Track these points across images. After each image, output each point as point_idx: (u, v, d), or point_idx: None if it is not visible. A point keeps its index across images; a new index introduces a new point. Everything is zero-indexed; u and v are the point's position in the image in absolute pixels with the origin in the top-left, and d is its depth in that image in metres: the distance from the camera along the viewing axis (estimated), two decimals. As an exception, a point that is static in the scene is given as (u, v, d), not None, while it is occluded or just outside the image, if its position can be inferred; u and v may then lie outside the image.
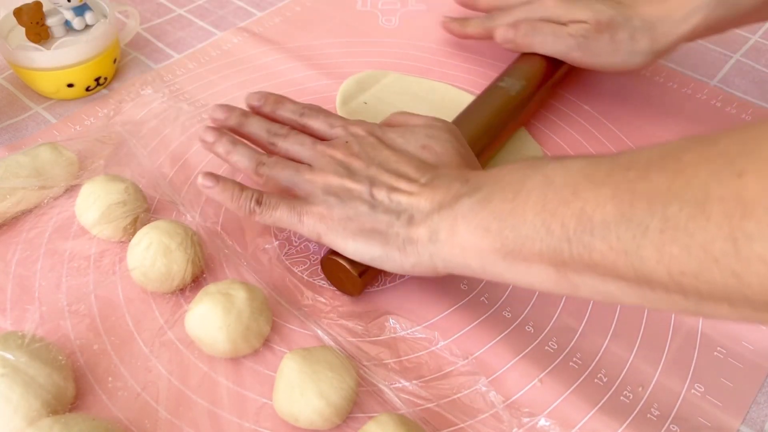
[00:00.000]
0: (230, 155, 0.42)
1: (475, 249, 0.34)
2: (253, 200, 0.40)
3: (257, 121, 0.44)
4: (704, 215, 0.25)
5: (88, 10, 0.53)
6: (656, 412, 0.37)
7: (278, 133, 0.43)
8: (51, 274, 0.41)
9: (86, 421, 0.32)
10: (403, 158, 0.40)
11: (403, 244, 0.37)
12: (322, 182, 0.39)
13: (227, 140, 0.43)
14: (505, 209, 0.33)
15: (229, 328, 0.36)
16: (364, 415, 0.35)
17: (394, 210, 0.37)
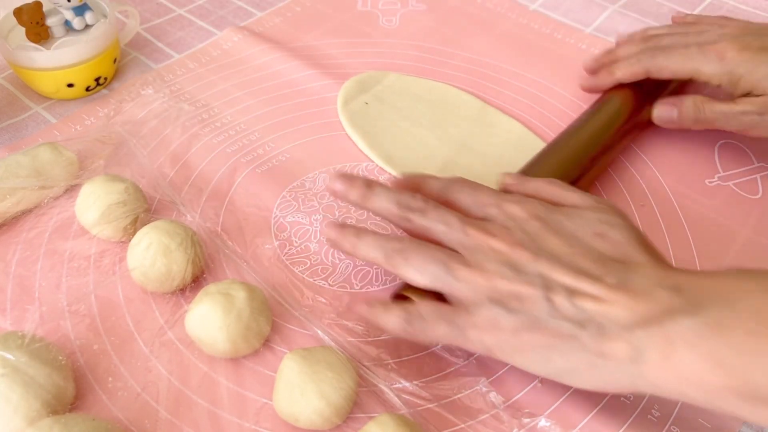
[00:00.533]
0: (357, 250, 0.37)
1: (700, 382, 0.29)
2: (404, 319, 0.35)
3: (384, 193, 0.38)
4: None
5: (88, 10, 0.53)
6: (657, 413, 0.37)
7: (413, 207, 0.37)
8: (51, 274, 0.41)
9: (86, 421, 0.32)
10: (578, 249, 0.34)
11: (592, 360, 0.31)
12: (486, 286, 0.33)
13: (351, 233, 0.37)
14: (750, 344, 0.28)
15: (229, 328, 0.36)
16: (364, 416, 0.35)
17: (577, 319, 0.31)
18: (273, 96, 0.55)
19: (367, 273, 0.43)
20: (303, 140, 0.52)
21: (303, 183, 0.48)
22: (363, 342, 0.39)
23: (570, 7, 0.68)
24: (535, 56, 0.61)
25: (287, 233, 0.45)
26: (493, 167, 0.50)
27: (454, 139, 0.52)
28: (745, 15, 0.69)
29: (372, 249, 0.36)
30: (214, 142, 0.51)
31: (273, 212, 0.46)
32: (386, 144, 0.51)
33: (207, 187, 0.47)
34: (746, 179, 0.51)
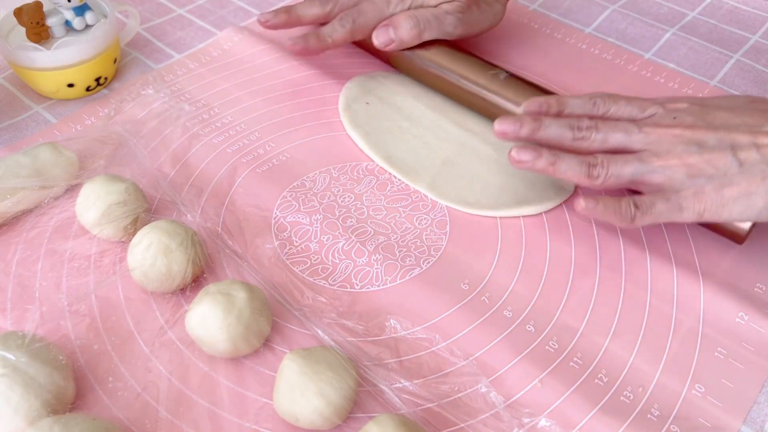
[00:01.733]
0: (556, 166, 0.41)
1: None
2: (633, 206, 0.40)
3: (553, 122, 0.42)
4: None
5: (88, 10, 0.53)
6: (657, 412, 0.37)
7: (584, 126, 0.42)
8: (51, 274, 0.41)
9: (86, 421, 0.32)
10: (740, 111, 0.40)
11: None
12: (680, 164, 0.39)
13: (547, 153, 0.41)
14: None
15: (229, 328, 0.36)
16: (364, 415, 0.35)
17: (765, 161, 0.38)
18: (273, 96, 0.55)
19: (367, 273, 0.43)
20: (303, 140, 0.52)
21: (303, 183, 0.48)
22: (363, 342, 0.39)
23: (570, 7, 0.68)
24: (535, 56, 0.61)
25: (287, 233, 0.45)
26: (493, 165, 0.50)
27: (455, 138, 0.52)
28: (746, 15, 0.69)
29: (571, 164, 0.41)
30: (214, 142, 0.51)
31: (273, 212, 0.46)
32: (386, 144, 0.51)
33: (207, 187, 0.47)
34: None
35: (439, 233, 0.46)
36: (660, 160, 0.40)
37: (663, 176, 0.40)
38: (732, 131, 0.39)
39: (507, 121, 0.43)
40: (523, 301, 0.42)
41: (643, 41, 0.64)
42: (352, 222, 0.46)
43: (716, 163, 0.39)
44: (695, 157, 0.39)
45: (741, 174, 0.38)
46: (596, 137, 0.41)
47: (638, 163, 0.40)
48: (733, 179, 0.38)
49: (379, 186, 0.49)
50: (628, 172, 0.40)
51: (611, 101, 0.43)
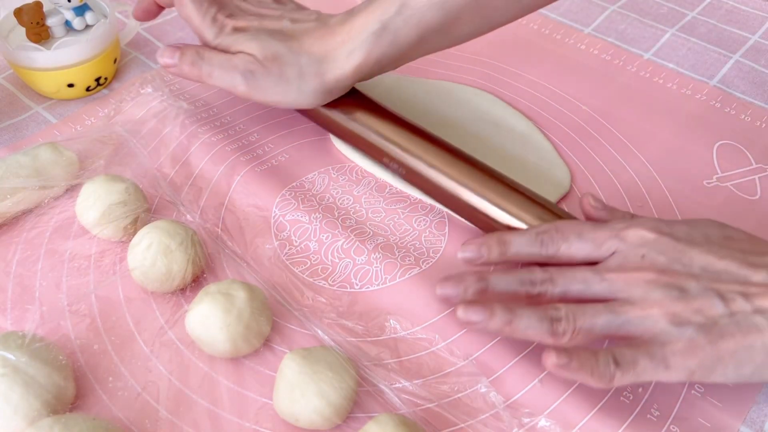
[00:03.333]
0: (513, 324, 0.35)
1: None
2: (612, 364, 0.33)
3: (501, 279, 0.37)
4: None
5: (88, 10, 0.53)
6: (656, 412, 0.37)
7: (536, 280, 0.37)
8: (51, 274, 0.41)
9: (86, 421, 0.32)
10: (719, 254, 0.35)
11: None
12: (663, 314, 0.34)
13: (501, 311, 0.35)
14: None
15: (229, 328, 0.36)
16: (364, 415, 0.35)
17: (757, 312, 0.33)
18: (273, 96, 0.55)
19: (366, 272, 0.43)
20: (302, 140, 0.52)
21: (302, 183, 0.48)
22: (363, 342, 0.39)
23: (569, 8, 0.68)
24: (534, 56, 0.61)
25: (287, 232, 0.45)
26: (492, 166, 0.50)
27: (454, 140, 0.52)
28: (745, 15, 0.69)
29: (531, 321, 0.35)
30: (213, 141, 0.51)
31: (272, 211, 0.46)
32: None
33: (207, 187, 0.47)
34: (745, 180, 0.51)
35: (438, 234, 0.46)
36: (636, 309, 0.34)
37: (642, 327, 0.34)
38: (715, 281, 0.35)
39: (448, 284, 0.38)
40: (522, 301, 0.42)
41: (642, 41, 0.65)
42: (351, 223, 0.46)
43: (706, 312, 0.33)
44: (679, 304, 0.34)
45: (734, 325, 0.33)
46: (555, 291, 0.36)
47: (610, 315, 0.34)
48: (728, 329, 0.33)
49: (377, 187, 0.49)
50: (600, 325, 0.34)
51: (560, 238, 0.38)
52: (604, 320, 0.34)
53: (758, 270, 0.35)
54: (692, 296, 0.34)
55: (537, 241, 0.38)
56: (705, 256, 0.35)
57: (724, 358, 0.33)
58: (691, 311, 0.34)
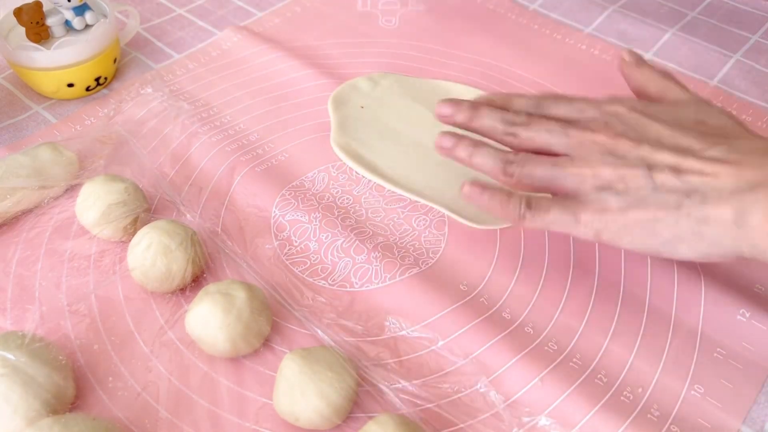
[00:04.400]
0: (473, 158, 0.39)
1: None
2: (523, 204, 0.37)
3: (490, 112, 0.40)
4: None
5: (88, 9, 0.53)
6: (656, 412, 0.37)
7: (517, 122, 0.39)
8: (51, 274, 0.41)
9: (86, 421, 0.32)
10: (679, 132, 0.35)
11: (696, 227, 0.33)
12: (591, 174, 0.36)
13: (468, 143, 0.40)
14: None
15: (229, 328, 0.36)
16: (364, 415, 0.35)
17: (681, 190, 0.34)
18: (272, 96, 0.55)
19: (366, 271, 0.43)
20: (302, 139, 0.52)
21: (302, 183, 0.48)
22: (363, 342, 0.39)
23: (569, 8, 0.68)
24: (534, 56, 0.61)
25: (287, 232, 0.45)
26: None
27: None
28: (745, 15, 0.69)
29: (488, 158, 0.39)
30: (213, 141, 0.51)
31: (272, 211, 0.46)
32: (375, 152, 0.50)
33: (207, 187, 0.47)
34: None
35: (437, 234, 0.46)
36: (573, 166, 0.36)
37: (572, 185, 0.36)
38: (658, 149, 0.35)
39: (447, 104, 0.42)
40: (522, 302, 0.42)
41: (643, 41, 0.64)
42: (351, 222, 0.46)
43: (629, 181, 0.35)
44: (608, 169, 0.35)
45: (653, 197, 0.34)
46: (524, 135, 0.39)
47: (551, 167, 0.37)
48: (643, 201, 0.34)
49: (377, 187, 0.49)
50: (540, 174, 0.37)
51: (553, 102, 0.40)
52: (543, 170, 0.37)
53: (708, 147, 0.34)
54: (624, 163, 0.35)
55: (535, 103, 0.41)
56: (664, 127, 0.36)
57: (630, 226, 0.34)
58: (616, 177, 0.35)
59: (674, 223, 0.34)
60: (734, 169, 0.33)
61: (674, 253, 0.34)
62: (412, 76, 0.58)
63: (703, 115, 0.37)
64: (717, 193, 0.33)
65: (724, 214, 0.33)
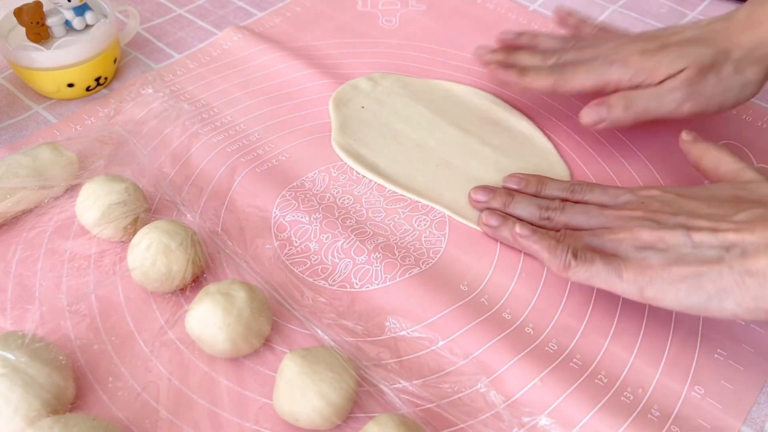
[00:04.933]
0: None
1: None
2: (570, 253, 0.38)
3: (525, 199, 0.44)
4: None
5: (88, 9, 0.53)
6: (656, 413, 0.37)
7: (551, 207, 0.42)
8: (51, 274, 0.41)
9: (86, 421, 0.32)
10: (712, 203, 0.38)
11: (739, 278, 0.34)
12: (630, 237, 0.38)
13: (513, 222, 0.43)
14: None
15: (229, 328, 0.36)
16: (364, 415, 0.35)
17: (720, 245, 0.35)
18: (273, 96, 0.55)
19: (366, 271, 0.43)
20: (303, 140, 0.52)
21: (303, 183, 0.48)
22: (363, 342, 0.39)
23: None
24: (535, 56, 0.61)
25: (287, 233, 0.45)
26: (491, 165, 0.50)
27: (453, 139, 0.52)
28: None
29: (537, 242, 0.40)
30: (213, 141, 0.51)
31: (273, 212, 0.46)
32: (375, 151, 0.51)
33: (207, 187, 0.47)
34: (746, 179, 0.51)
35: (438, 235, 0.46)
36: (612, 234, 0.39)
37: (612, 247, 0.38)
38: (694, 218, 0.37)
39: (481, 191, 0.46)
40: (522, 302, 0.42)
41: (643, 41, 0.64)
42: (351, 222, 0.46)
43: (668, 240, 0.36)
44: (647, 232, 0.37)
45: (694, 254, 0.35)
46: (560, 219, 0.42)
47: (591, 237, 0.39)
48: (684, 258, 0.36)
49: (377, 187, 0.49)
50: (582, 244, 0.39)
51: (588, 189, 0.43)
52: (584, 241, 0.39)
53: (741, 211, 0.36)
54: (662, 228, 0.37)
55: (569, 189, 0.44)
56: (696, 204, 0.38)
57: (675, 282, 0.35)
58: (655, 238, 0.37)
59: (718, 276, 0.34)
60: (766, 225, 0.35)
61: (722, 308, 0.35)
62: (412, 76, 0.58)
63: (740, 191, 0.39)
64: (755, 247, 0.34)
65: (764, 264, 0.33)
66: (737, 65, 0.44)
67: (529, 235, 0.41)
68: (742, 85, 0.45)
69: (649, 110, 0.46)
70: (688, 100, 0.45)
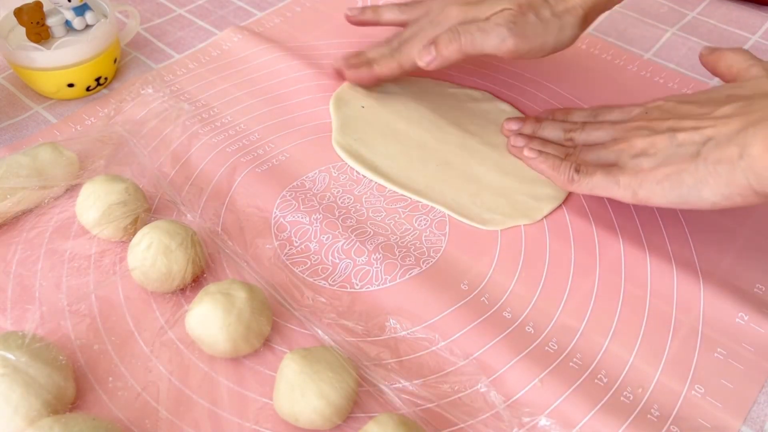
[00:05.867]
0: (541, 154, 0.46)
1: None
2: (572, 168, 0.43)
3: (551, 124, 0.48)
4: None
5: (88, 9, 0.53)
6: (656, 412, 0.37)
7: (573, 129, 0.47)
8: (51, 274, 0.41)
9: (86, 421, 0.32)
10: (710, 105, 0.41)
11: (712, 167, 0.37)
12: (628, 147, 0.42)
13: (537, 143, 0.47)
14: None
15: (229, 328, 0.36)
16: (364, 415, 0.35)
17: (699, 141, 0.39)
18: (273, 96, 0.55)
19: (367, 272, 0.43)
20: (303, 140, 0.52)
21: (303, 183, 0.48)
22: (363, 342, 0.39)
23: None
24: (535, 56, 0.61)
25: (287, 233, 0.45)
26: (492, 165, 0.50)
27: (453, 139, 0.52)
28: (746, 15, 0.69)
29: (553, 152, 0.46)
30: (214, 142, 0.51)
31: (273, 212, 0.46)
32: (375, 151, 0.51)
33: (207, 187, 0.47)
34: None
35: (438, 234, 0.46)
36: (614, 144, 0.43)
37: (613, 156, 0.43)
38: (683, 119, 0.41)
39: (513, 121, 0.50)
40: (522, 302, 0.42)
41: (642, 41, 0.64)
42: (352, 222, 0.46)
43: (657, 144, 0.40)
44: (640, 140, 0.41)
45: (677, 153, 0.39)
46: (579, 137, 0.46)
47: (599, 149, 0.44)
48: (669, 158, 0.40)
49: (378, 187, 0.49)
50: (591, 156, 0.44)
51: (607, 111, 0.47)
52: (593, 153, 0.44)
53: (724, 105, 0.40)
54: (653, 134, 0.41)
55: (592, 114, 0.48)
56: (690, 107, 0.42)
57: (661, 181, 0.39)
58: (647, 144, 0.41)
59: (695, 170, 0.38)
60: (744, 116, 0.38)
61: (700, 198, 0.38)
62: (413, 76, 0.58)
63: (738, 89, 0.42)
64: (726, 137, 0.37)
65: (732, 152, 0.37)
66: (553, 10, 0.47)
67: (534, 156, 0.46)
68: (560, 29, 0.47)
69: (475, 43, 0.47)
70: (511, 36, 0.46)
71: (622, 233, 0.46)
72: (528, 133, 0.49)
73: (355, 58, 0.54)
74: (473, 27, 0.47)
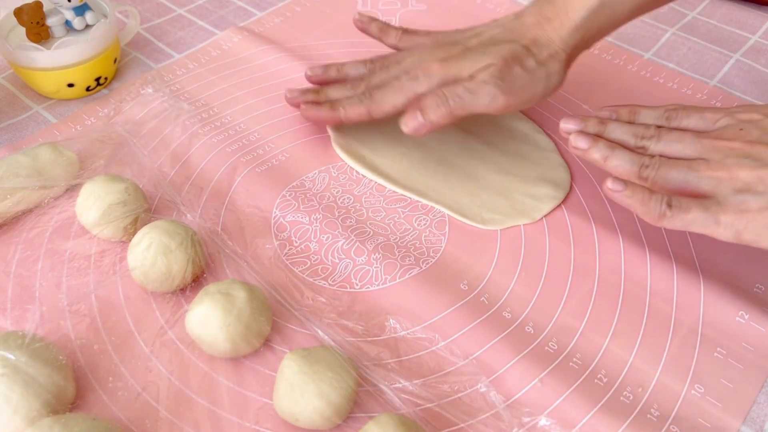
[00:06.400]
0: (608, 160, 0.40)
1: None
2: (664, 203, 0.37)
3: (619, 126, 0.42)
4: None
5: (88, 9, 0.53)
6: (656, 412, 0.37)
7: (647, 135, 0.41)
8: (51, 274, 0.41)
9: (86, 421, 0.32)
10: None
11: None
12: (728, 177, 0.37)
13: (604, 145, 0.41)
14: None
15: (229, 328, 0.36)
16: (364, 415, 0.35)
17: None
18: (273, 96, 0.55)
19: (366, 272, 0.43)
20: (303, 140, 0.52)
21: (303, 183, 0.48)
22: (363, 342, 0.39)
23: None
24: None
25: (287, 233, 0.45)
26: (492, 165, 0.50)
27: (453, 139, 0.52)
28: (746, 15, 0.69)
29: (624, 161, 0.40)
30: (213, 141, 0.51)
31: (273, 212, 0.46)
32: (375, 150, 0.51)
33: (207, 187, 0.47)
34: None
35: (438, 234, 0.46)
36: (709, 169, 0.38)
37: (709, 186, 0.37)
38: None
39: (572, 120, 0.43)
40: (522, 301, 0.42)
41: (642, 41, 0.64)
42: (352, 222, 0.46)
43: (766, 181, 0.36)
44: (746, 172, 0.36)
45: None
46: (655, 147, 0.40)
47: (686, 170, 0.38)
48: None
49: (377, 187, 0.49)
50: (675, 177, 0.38)
51: (684, 114, 0.42)
52: (678, 173, 0.38)
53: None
54: (761, 165, 0.36)
55: (664, 115, 0.42)
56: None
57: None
58: (754, 179, 0.36)
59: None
60: None
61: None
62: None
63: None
64: None
65: None
66: (537, 58, 0.45)
67: (621, 189, 0.38)
68: (546, 76, 0.45)
69: (465, 106, 0.44)
70: (501, 93, 0.44)
71: (622, 233, 0.46)
72: (592, 132, 0.42)
73: (314, 95, 0.50)
74: (460, 88, 0.44)
